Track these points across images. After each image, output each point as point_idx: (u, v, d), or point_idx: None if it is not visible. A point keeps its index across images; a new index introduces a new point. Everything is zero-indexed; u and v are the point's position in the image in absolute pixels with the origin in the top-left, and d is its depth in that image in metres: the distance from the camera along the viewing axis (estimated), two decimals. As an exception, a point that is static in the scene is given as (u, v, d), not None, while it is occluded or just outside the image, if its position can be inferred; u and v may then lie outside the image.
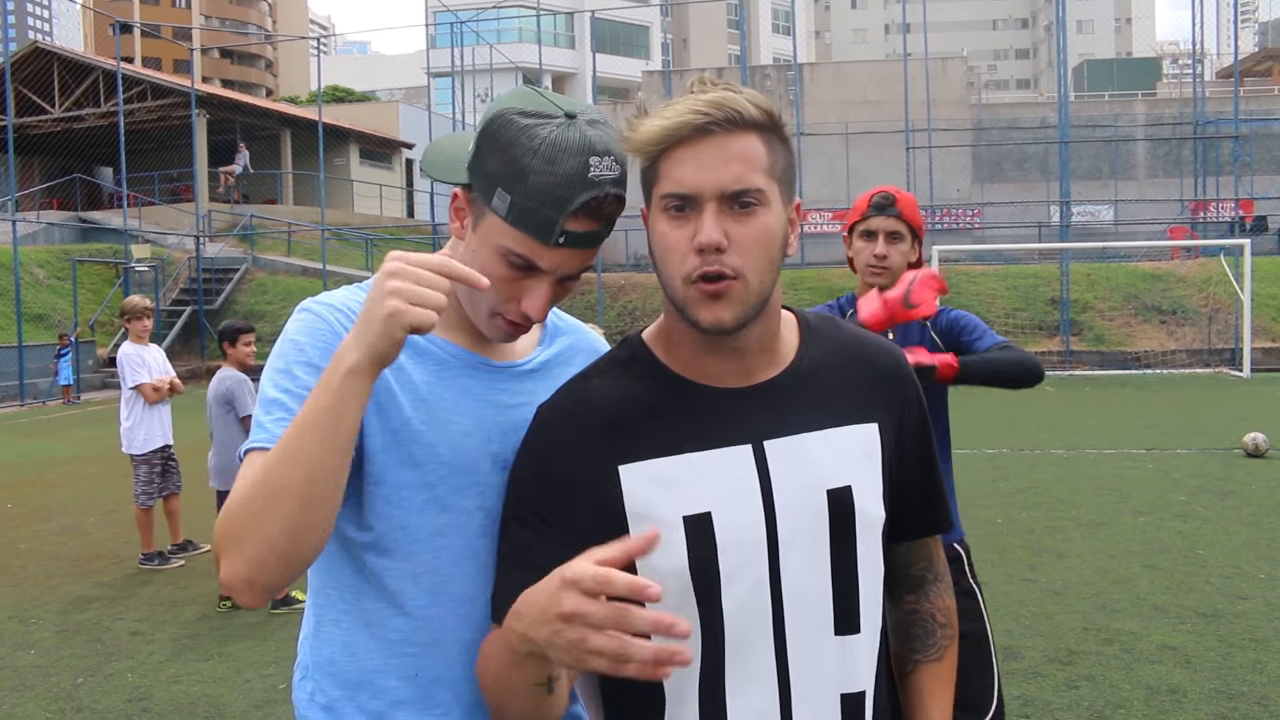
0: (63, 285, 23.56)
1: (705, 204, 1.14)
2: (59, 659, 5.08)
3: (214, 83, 51.39)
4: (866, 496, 1.25)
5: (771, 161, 1.17)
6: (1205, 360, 20.33)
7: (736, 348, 1.23)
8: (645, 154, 1.18)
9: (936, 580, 1.41)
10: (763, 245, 1.16)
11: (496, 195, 1.24)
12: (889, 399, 1.30)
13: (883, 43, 70.47)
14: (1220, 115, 27.73)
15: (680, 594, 1.19)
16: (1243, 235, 23.25)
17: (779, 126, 1.20)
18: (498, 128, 1.24)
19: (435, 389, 1.33)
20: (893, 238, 2.63)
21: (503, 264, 1.27)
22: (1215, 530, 6.99)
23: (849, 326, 1.37)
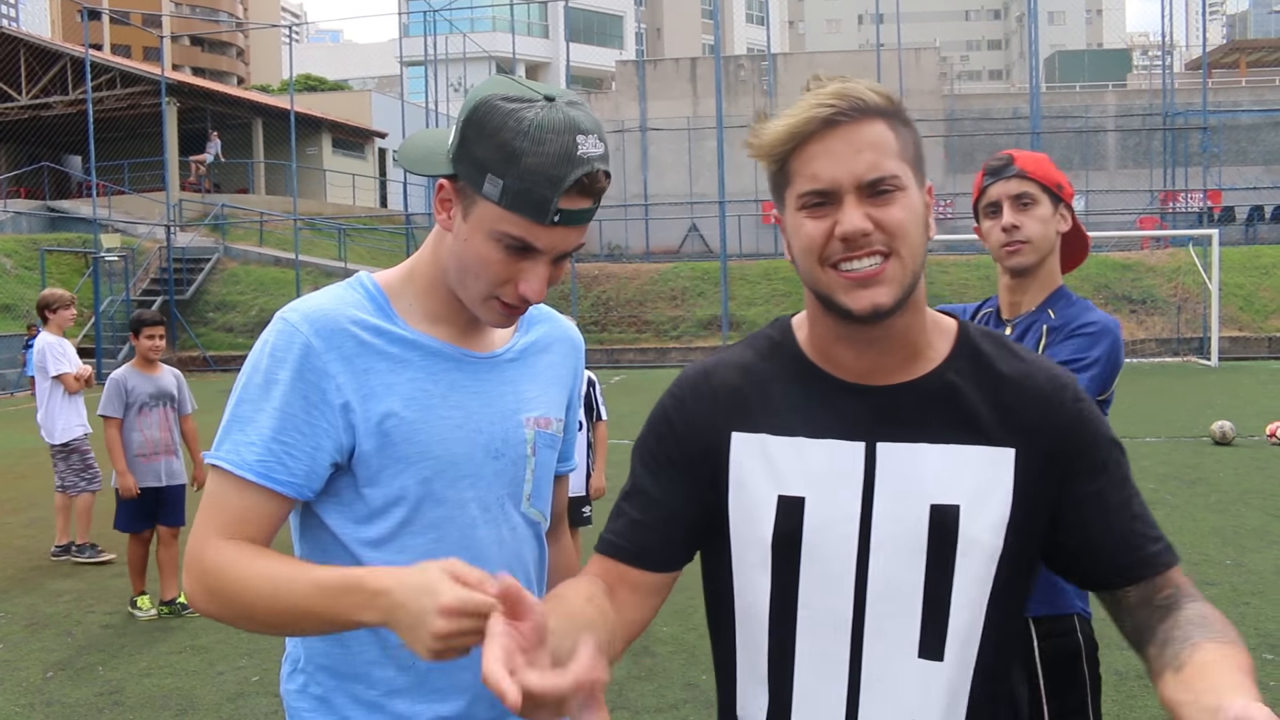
0: (31, 275, 23.23)
1: (845, 195, 1.13)
2: (28, 653, 5.03)
3: (184, 70, 50.80)
4: (978, 521, 1.18)
5: (901, 146, 1.16)
6: (1174, 349, 20.59)
7: (875, 341, 1.19)
8: (774, 156, 1.17)
9: (1195, 598, 1.18)
10: (908, 225, 1.14)
11: (487, 181, 1.25)
12: (1040, 426, 1.20)
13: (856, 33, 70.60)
14: (1189, 107, 28.04)
15: (759, 569, 1.22)
16: (1211, 225, 23.54)
17: (902, 111, 1.18)
18: (482, 115, 1.26)
19: (423, 385, 1.35)
20: (1021, 202, 2.11)
21: (498, 248, 1.28)
22: (1183, 517, 7.09)
23: (1018, 349, 1.26)
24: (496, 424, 1.40)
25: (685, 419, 1.28)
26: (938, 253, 24.43)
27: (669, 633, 5.00)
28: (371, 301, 1.37)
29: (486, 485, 1.38)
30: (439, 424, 1.35)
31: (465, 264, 1.32)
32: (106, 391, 5.56)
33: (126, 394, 5.58)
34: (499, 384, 1.42)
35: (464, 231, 1.30)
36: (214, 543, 1.27)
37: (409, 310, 1.38)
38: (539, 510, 1.49)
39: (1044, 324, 2.13)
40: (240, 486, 1.28)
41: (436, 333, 1.39)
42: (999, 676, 1.24)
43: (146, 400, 5.62)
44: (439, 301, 1.39)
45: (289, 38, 29.03)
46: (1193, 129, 26.64)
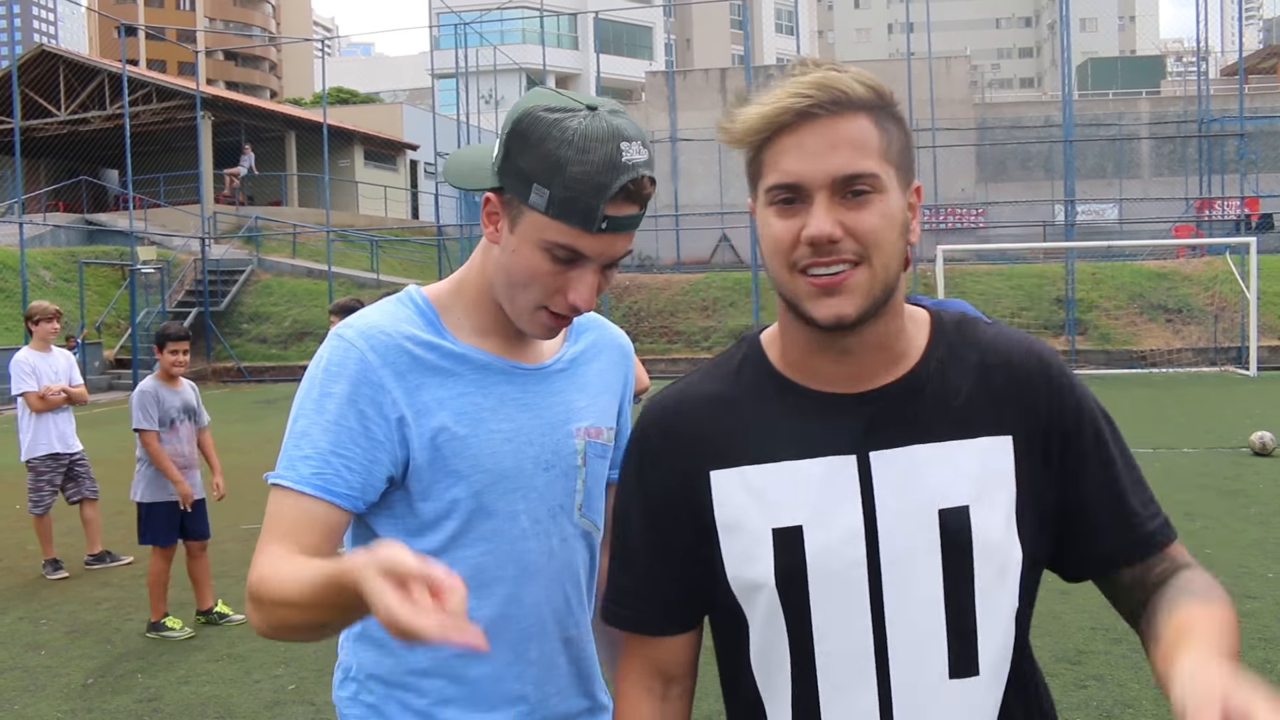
0: (69, 287, 23.60)
1: (815, 193, 1.05)
2: (69, 659, 5.10)
3: (218, 85, 51.48)
4: (989, 519, 1.11)
5: (885, 144, 1.07)
6: (1211, 359, 20.29)
7: (850, 348, 1.12)
8: (747, 145, 1.10)
9: (1188, 566, 1.16)
10: (881, 232, 1.05)
11: (534, 191, 1.25)
12: (1030, 407, 1.14)
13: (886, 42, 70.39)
14: (1225, 113, 27.68)
15: (770, 614, 1.14)
16: (1248, 233, 23.20)
17: (891, 105, 1.09)
18: (526, 126, 1.26)
19: (474, 399, 1.35)
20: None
21: (546, 258, 1.28)
22: (1223, 529, 6.98)
23: (992, 327, 1.21)
24: (547, 435, 1.40)
25: (659, 471, 1.20)
26: (968, 262, 24.28)
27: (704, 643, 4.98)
28: (422, 316, 1.38)
29: (538, 497, 1.39)
30: (489, 438, 1.35)
31: (514, 276, 1.32)
32: (140, 405, 5.51)
33: (159, 406, 5.54)
34: (548, 395, 1.42)
35: (512, 243, 1.31)
36: (266, 552, 1.26)
37: (458, 324, 1.39)
38: (591, 520, 1.48)
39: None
40: (297, 499, 1.28)
41: (486, 345, 1.39)
42: (1034, 683, 1.18)
43: (176, 415, 5.61)
44: (487, 314, 1.39)
45: (321, 51, 29.34)
46: (1229, 135, 26.31)
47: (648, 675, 1.24)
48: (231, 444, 12.84)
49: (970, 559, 1.10)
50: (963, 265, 23.67)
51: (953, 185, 30.57)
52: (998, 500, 1.12)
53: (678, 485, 1.18)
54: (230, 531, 7.71)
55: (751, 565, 1.13)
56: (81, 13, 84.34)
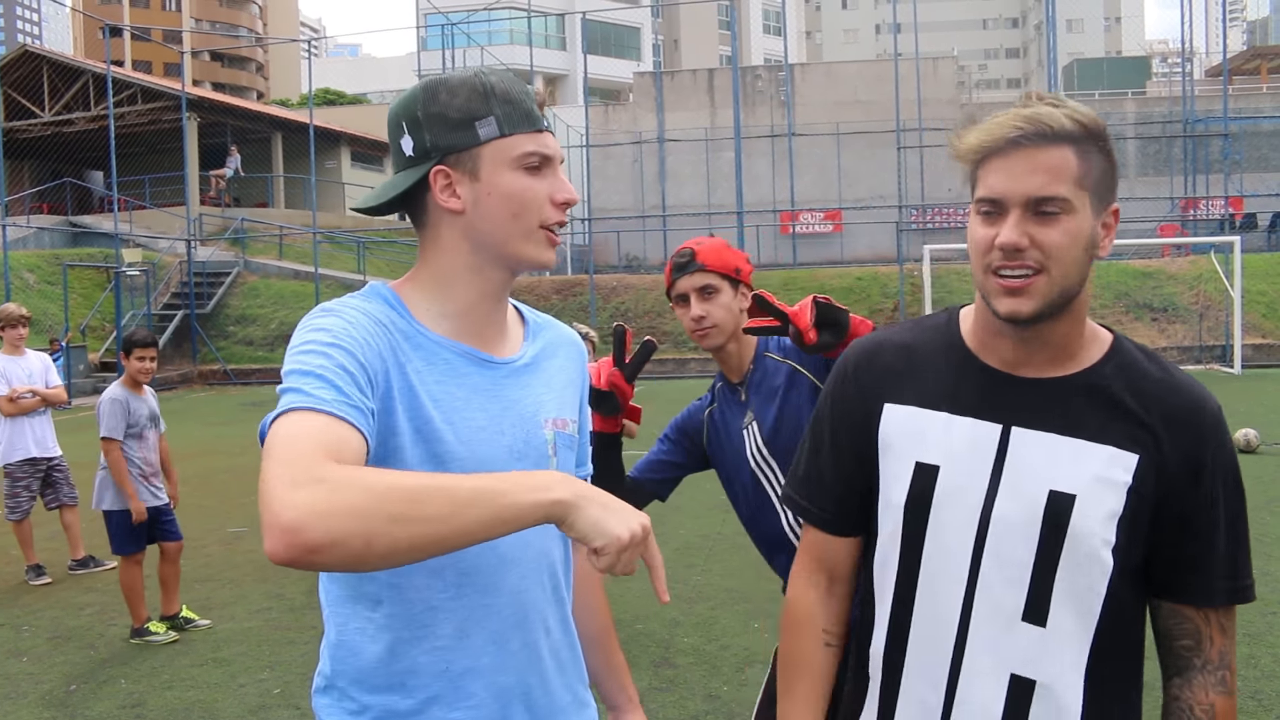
0: (53, 290, 23.47)
1: (1011, 209, 1.25)
2: (51, 665, 5.06)
3: (204, 86, 51.26)
4: (1091, 512, 1.28)
5: (1083, 172, 1.25)
6: (1196, 357, 20.40)
7: (1025, 339, 1.32)
8: (968, 162, 1.30)
9: (1204, 669, 1.33)
10: (1064, 249, 1.24)
11: (479, 127, 1.35)
12: (1171, 441, 1.30)
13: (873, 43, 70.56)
14: (1209, 114, 27.84)
15: (893, 531, 1.38)
16: (1233, 232, 23.35)
17: (1099, 138, 1.27)
18: (432, 93, 1.37)
19: (448, 387, 1.37)
20: (705, 293, 2.36)
21: (522, 174, 1.36)
22: (1208, 527, 7.00)
23: (1166, 365, 1.37)
24: (517, 427, 1.42)
25: (851, 390, 1.46)
26: (956, 261, 24.35)
27: (690, 644, 4.98)
28: (393, 309, 1.39)
29: None
30: (464, 426, 1.36)
31: (504, 211, 1.37)
32: (110, 413, 5.43)
33: (129, 415, 5.47)
34: (516, 389, 1.44)
35: (483, 189, 1.36)
36: (327, 460, 1.10)
37: (425, 314, 1.40)
38: None
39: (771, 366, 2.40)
40: (330, 421, 1.16)
41: (455, 336, 1.41)
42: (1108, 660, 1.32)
43: (145, 423, 5.53)
44: (449, 303, 1.41)
45: (308, 53, 29.23)
46: (1213, 136, 26.46)
47: (815, 571, 1.49)
48: (218, 447, 12.78)
49: (1063, 538, 1.29)
50: (950, 265, 23.73)
51: (940, 186, 30.64)
52: (1105, 500, 1.28)
53: (860, 408, 1.44)
54: (215, 535, 7.67)
55: (893, 486, 1.38)
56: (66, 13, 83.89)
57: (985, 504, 1.32)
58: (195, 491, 9.20)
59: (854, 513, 1.45)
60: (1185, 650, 1.34)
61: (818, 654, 1.47)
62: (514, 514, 1.11)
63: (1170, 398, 1.32)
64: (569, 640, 1.50)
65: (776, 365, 2.43)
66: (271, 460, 1.10)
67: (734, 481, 2.46)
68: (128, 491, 5.40)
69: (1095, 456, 1.29)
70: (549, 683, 1.44)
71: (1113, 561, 1.29)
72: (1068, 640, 1.30)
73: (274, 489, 1.06)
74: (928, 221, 29.74)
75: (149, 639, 5.36)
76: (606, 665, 1.68)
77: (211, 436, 13.97)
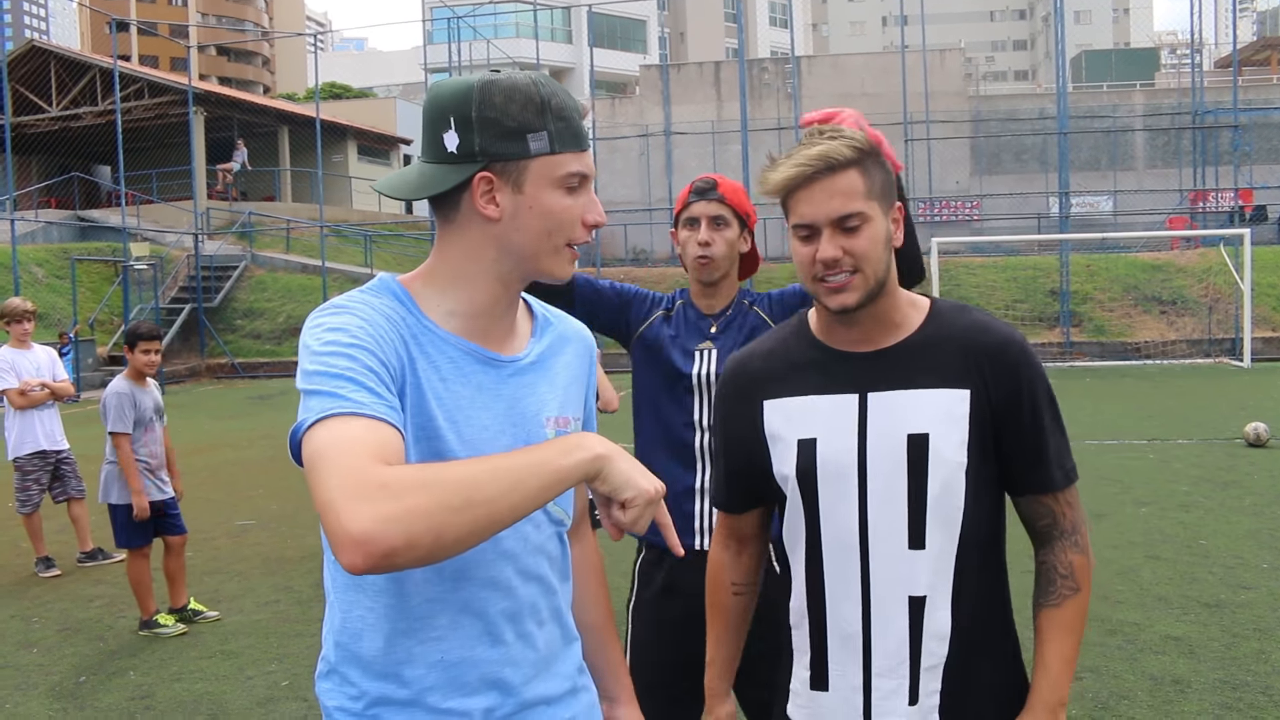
0: (61, 284, 23.53)
1: (822, 229, 1.56)
2: (60, 657, 5.08)
3: (211, 80, 51.30)
4: (943, 444, 1.58)
5: (869, 187, 1.56)
6: (1206, 350, 20.31)
7: (856, 322, 1.62)
8: (776, 195, 1.59)
9: (1062, 536, 1.65)
10: (869, 250, 1.56)
11: (531, 140, 1.35)
12: (988, 372, 1.60)
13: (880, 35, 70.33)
14: (1219, 105, 27.69)
15: (794, 499, 1.67)
16: (1242, 225, 23.23)
17: (874, 154, 1.58)
18: (485, 97, 1.35)
19: (453, 386, 1.38)
20: (716, 223, 2.47)
21: (563, 193, 1.38)
22: (1218, 520, 6.98)
23: (975, 314, 1.67)
24: (519, 425, 1.43)
25: (735, 397, 1.75)
26: (963, 254, 24.27)
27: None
28: (401, 304, 1.39)
29: None
30: (468, 425, 1.37)
31: (540, 228, 1.38)
32: (116, 407, 5.42)
33: (135, 408, 5.46)
34: (520, 387, 1.45)
35: (524, 201, 1.37)
36: (380, 465, 1.13)
37: (434, 310, 1.41)
38: (562, 509, 1.51)
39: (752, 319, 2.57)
40: (371, 425, 1.18)
41: (463, 334, 1.41)
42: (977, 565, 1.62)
43: (150, 416, 5.53)
44: (461, 302, 1.42)
45: (314, 46, 29.22)
46: (1223, 127, 26.32)
47: (728, 538, 1.84)
48: (225, 440, 12.80)
49: (926, 469, 1.58)
50: (957, 258, 23.66)
51: (947, 178, 30.55)
52: (952, 432, 1.59)
53: (745, 410, 1.73)
54: (223, 528, 7.69)
55: (783, 463, 1.66)
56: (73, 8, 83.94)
57: (859, 459, 1.60)
58: (203, 485, 9.21)
59: (749, 494, 1.78)
60: (1045, 528, 1.66)
61: (729, 600, 1.86)
62: (561, 477, 1.20)
63: (981, 338, 1.61)
64: (564, 630, 1.52)
65: (760, 320, 2.58)
66: (325, 472, 1.11)
67: (661, 389, 2.55)
68: (134, 487, 5.40)
69: (936, 399, 1.59)
70: (543, 674, 1.46)
71: (965, 481, 1.58)
72: (942, 557, 1.59)
73: (337, 502, 1.08)
74: (935, 214, 29.64)
75: (158, 631, 5.37)
76: (604, 656, 1.69)
77: (219, 430, 14.00)
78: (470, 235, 1.40)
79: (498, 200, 1.36)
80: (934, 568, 1.59)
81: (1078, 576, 1.63)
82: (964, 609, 1.61)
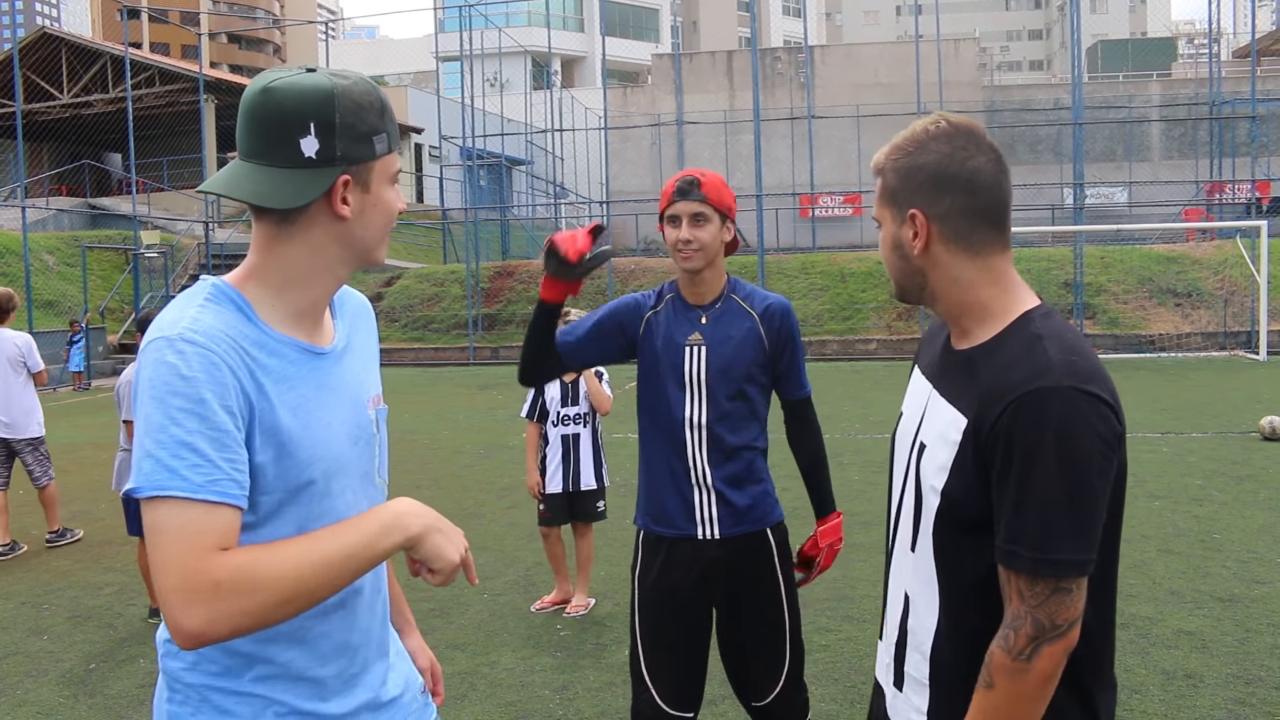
0: (73, 272, 23.61)
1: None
2: (71, 644, 5.09)
3: (222, 68, 51.34)
4: (928, 461, 1.57)
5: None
6: (1221, 343, 20.18)
7: (942, 317, 1.64)
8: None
9: (1004, 623, 1.45)
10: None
11: (376, 143, 1.43)
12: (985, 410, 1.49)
13: (894, 24, 69.95)
14: (1236, 95, 27.47)
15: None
16: (1259, 217, 23.06)
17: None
18: (343, 101, 1.39)
19: (298, 389, 1.42)
20: (697, 220, 2.66)
21: (391, 189, 1.48)
22: (1232, 514, 6.93)
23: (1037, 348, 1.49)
24: (351, 412, 1.51)
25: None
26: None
27: (705, 629, 4.95)
28: (239, 311, 1.40)
29: (353, 469, 1.50)
30: (316, 425, 1.43)
31: (383, 222, 1.48)
32: (131, 395, 5.45)
33: None
34: (344, 375, 1.52)
35: (369, 199, 1.45)
36: (215, 557, 1.25)
37: (270, 314, 1.43)
38: (383, 480, 1.63)
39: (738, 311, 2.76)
40: (208, 509, 1.27)
41: (294, 333, 1.45)
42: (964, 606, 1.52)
43: None
44: (294, 302, 1.45)
45: (325, 34, 29.26)
46: (1240, 118, 26.10)
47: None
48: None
49: (918, 481, 1.59)
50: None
51: (960, 168, 30.32)
52: (939, 453, 1.53)
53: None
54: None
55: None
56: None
57: (908, 446, 1.64)
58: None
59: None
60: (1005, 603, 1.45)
61: None
62: (378, 557, 1.35)
63: (1000, 374, 1.46)
64: (387, 603, 1.68)
65: (743, 310, 2.76)
66: (162, 564, 1.24)
67: (656, 383, 2.75)
68: None
69: (944, 416, 1.54)
70: (381, 643, 1.61)
71: (939, 505, 1.52)
72: (925, 566, 1.56)
73: (172, 600, 1.23)
74: (948, 205, 29.47)
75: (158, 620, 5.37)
76: (391, 595, 1.80)
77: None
78: (313, 234, 1.43)
79: (349, 200, 1.42)
80: (918, 573, 1.58)
81: (991, 671, 1.42)
82: (946, 644, 1.53)
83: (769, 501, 2.78)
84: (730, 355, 2.68)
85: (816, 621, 4.91)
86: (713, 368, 2.68)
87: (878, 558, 6.07)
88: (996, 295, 1.56)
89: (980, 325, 1.56)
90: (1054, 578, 1.39)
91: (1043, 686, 1.41)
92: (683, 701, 2.76)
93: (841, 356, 20.89)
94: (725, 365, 2.68)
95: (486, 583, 5.88)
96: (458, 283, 24.53)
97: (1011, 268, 1.61)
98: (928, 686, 1.57)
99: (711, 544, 2.71)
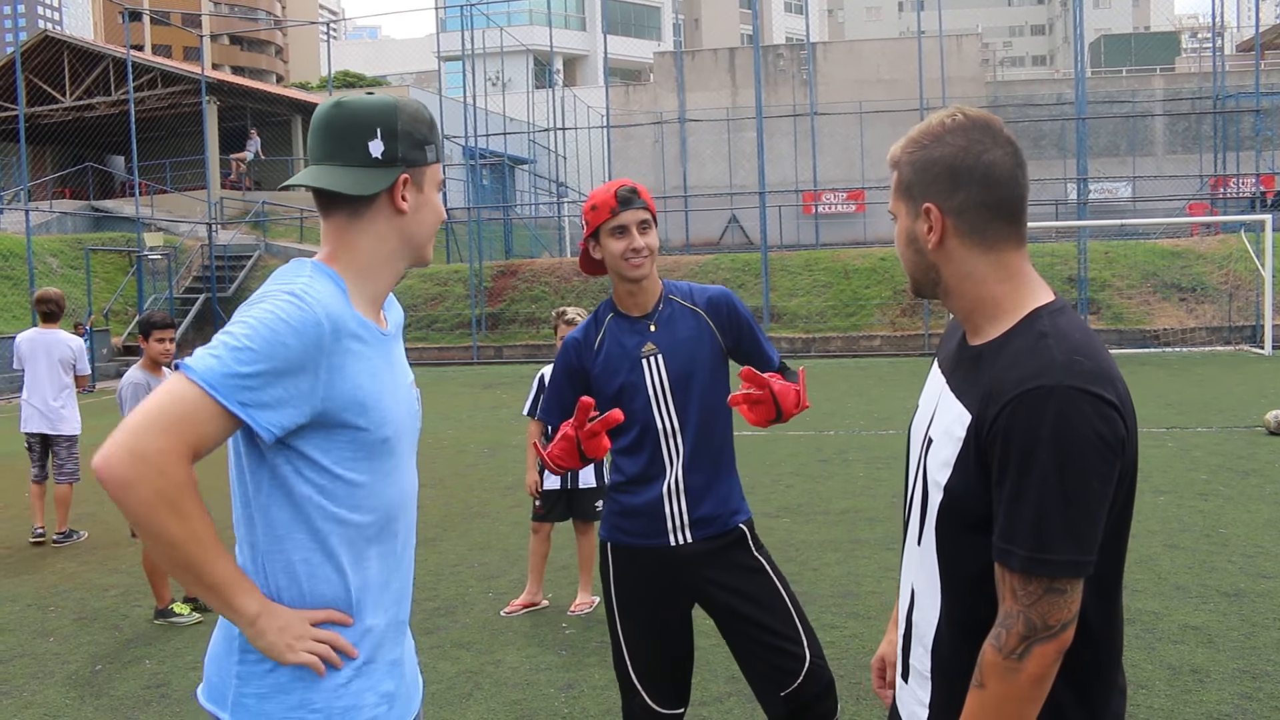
0: (76, 274, 23.64)
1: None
2: (77, 646, 5.10)
3: (224, 69, 51.35)
4: (933, 456, 1.56)
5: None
6: (1225, 338, 20.13)
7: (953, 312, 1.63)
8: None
9: (996, 621, 1.45)
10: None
11: (428, 152, 1.70)
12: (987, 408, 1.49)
13: (896, 20, 69.87)
14: (1240, 89, 27.39)
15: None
16: (1264, 210, 22.99)
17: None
18: (403, 112, 1.66)
19: (374, 361, 1.64)
20: (643, 227, 2.70)
21: (437, 195, 1.73)
22: (1237, 509, 6.91)
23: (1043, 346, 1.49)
24: (404, 389, 1.74)
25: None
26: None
27: (712, 625, 4.94)
28: (342, 292, 1.63)
29: (409, 438, 1.75)
30: (387, 394, 1.65)
31: (430, 219, 1.72)
32: (134, 397, 5.43)
33: None
34: (398, 356, 1.76)
35: (421, 200, 1.70)
36: (181, 453, 1.45)
37: (357, 298, 1.66)
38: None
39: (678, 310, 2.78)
40: (216, 413, 1.48)
41: (369, 316, 1.68)
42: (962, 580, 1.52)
43: None
44: (373, 289, 1.69)
45: (327, 35, 29.24)
46: (1244, 112, 26.03)
47: None
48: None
49: (924, 476, 1.58)
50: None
51: (963, 164, 30.24)
52: (944, 448, 1.52)
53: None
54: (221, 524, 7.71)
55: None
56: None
57: (920, 438, 1.63)
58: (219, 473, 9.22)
59: None
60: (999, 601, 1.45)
61: None
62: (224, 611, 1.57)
63: (1003, 371, 1.45)
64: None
65: (684, 309, 2.79)
66: (148, 411, 1.46)
67: (620, 401, 2.71)
68: None
69: (951, 411, 1.53)
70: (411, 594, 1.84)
71: (941, 501, 1.51)
72: (929, 560, 1.56)
73: (129, 438, 1.43)
74: (951, 201, 29.42)
75: (173, 620, 5.38)
76: None
77: (235, 419, 14.03)
78: (378, 225, 1.67)
79: (407, 197, 1.67)
80: (923, 568, 1.58)
81: (983, 671, 1.43)
82: (947, 638, 1.53)
83: (737, 498, 2.81)
84: (687, 356, 2.71)
85: (821, 618, 4.91)
86: (673, 373, 2.70)
87: (882, 554, 6.07)
88: (1008, 291, 1.54)
89: (991, 322, 1.55)
90: (1047, 578, 1.37)
91: (1033, 687, 1.39)
92: (673, 699, 2.82)
93: (845, 353, 20.87)
94: (684, 367, 2.70)
95: (491, 581, 5.89)
96: (461, 282, 24.53)
97: (1027, 263, 1.57)
98: (930, 679, 1.57)
99: (686, 548, 2.73)
